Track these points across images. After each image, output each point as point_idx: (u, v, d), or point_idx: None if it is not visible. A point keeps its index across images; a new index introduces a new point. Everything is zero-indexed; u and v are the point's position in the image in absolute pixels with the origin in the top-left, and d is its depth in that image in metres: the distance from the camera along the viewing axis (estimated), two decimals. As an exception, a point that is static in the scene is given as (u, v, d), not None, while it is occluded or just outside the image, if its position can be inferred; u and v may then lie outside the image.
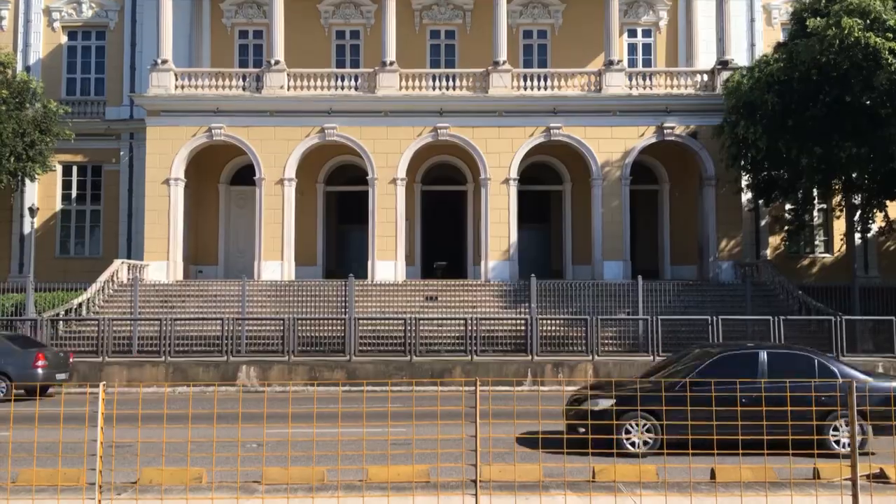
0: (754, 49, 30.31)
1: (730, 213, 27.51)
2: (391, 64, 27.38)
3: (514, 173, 27.24)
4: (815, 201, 28.27)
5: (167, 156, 27.10)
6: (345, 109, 27.34)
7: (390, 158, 27.17)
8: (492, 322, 22.37)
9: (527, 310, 22.85)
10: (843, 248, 28.72)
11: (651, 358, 20.00)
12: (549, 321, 22.09)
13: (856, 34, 20.44)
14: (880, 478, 9.44)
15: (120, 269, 25.75)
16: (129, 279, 25.16)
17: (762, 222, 29.95)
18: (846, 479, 8.43)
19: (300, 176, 27.81)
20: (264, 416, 9.56)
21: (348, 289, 23.08)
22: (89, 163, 30.50)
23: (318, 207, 29.78)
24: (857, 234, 26.59)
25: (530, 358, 20.30)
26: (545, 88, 27.54)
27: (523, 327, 21.64)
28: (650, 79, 27.75)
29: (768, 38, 30.23)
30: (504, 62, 27.43)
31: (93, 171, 30.65)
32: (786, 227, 28.05)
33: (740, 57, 29.05)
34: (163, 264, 26.69)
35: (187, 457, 8.67)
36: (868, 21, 20.70)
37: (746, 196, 27.96)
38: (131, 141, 30.21)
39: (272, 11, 27.78)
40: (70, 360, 19.27)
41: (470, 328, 20.82)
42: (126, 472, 9.77)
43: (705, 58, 29.84)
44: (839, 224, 28.50)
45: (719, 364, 11.94)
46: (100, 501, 7.77)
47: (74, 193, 30.69)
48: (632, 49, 31.17)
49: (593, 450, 9.16)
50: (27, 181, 28.11)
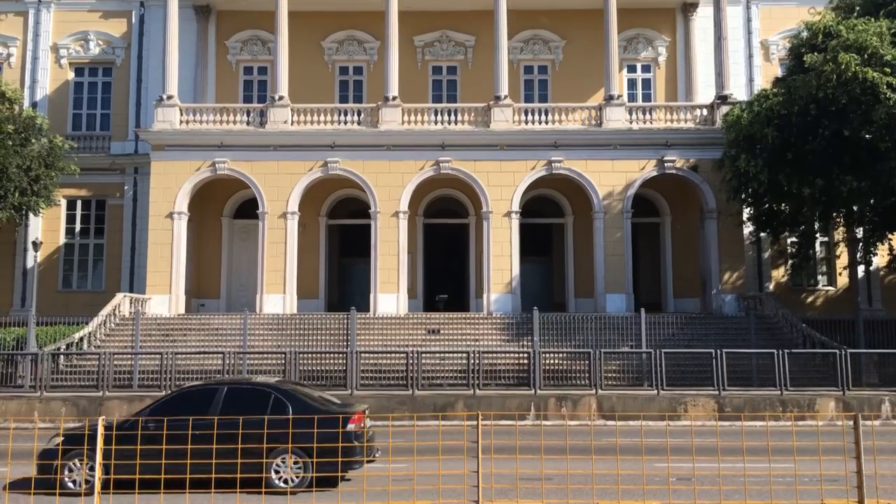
0: (753, 84, 30.64)
1: (732, 246, 27.52)
2: (394, 99, 27.68)
3: (515, 206, 27.35)
4: (817, 234, 28.29)
5: (171, 190, 27.28)
6: (348, 143, 27.58)
7: (392, 192, 27.32)
8: (494, 355, 22.23)
9: (529, 343, 22.74)
10: (846, 280, 28.67)
11: (655, 392, 19.84)
12: (551, 354, 21.96)
13: (853, 69, 20.62)
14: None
15: (122, 302, 25.75)
16: (130, 313, 25.12)
17: (765, 255, 29.94)
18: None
19: (303, 209, 27.95)
20: (264, 452, 9.46)
21: (350, 322, 23.02)
22: (93, 197, 30.69)
23: (320, 241, 29.85)
24: (860, 267, 26.55)
25: (533, 392, 20.14)
26: (546, 123, 27.79)
27: (526, 361, 21.49)
28: (650, 113, 28.01)
29: (767, 73, 30.58)
30: (505, 97, 27.72)
31: (97, 206, 30.84)
32: (789, 261, 28.02)
33: (739, 91, 29.35)
34: (165, 298, 26.69)
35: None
36: (865, 56, 20.88)
37: (748, 229, 28.00)
38: (135, 175, 30.45)
39: (276, 48, 28.19)
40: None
41: (472, 361, 20.69)
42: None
43: (704, 92, 30.17)
44: (842, 257, 28.48)
45: (176, 400, 12.06)
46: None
47: (78, 227, 30.83)
48: (631, 84, 31.52)
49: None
50: (31, 215, 28.26)
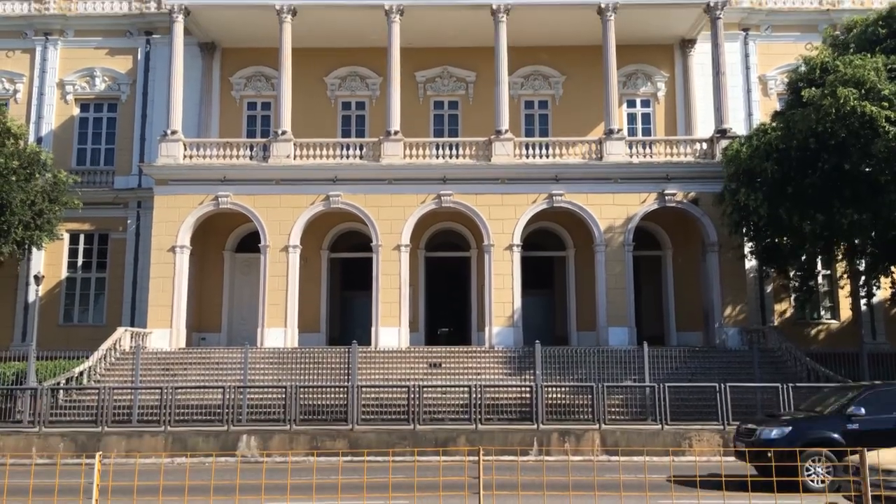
0: (752, 118, 30.91)
1: (734, 279, 27.46)
2: (395, 133, 27.93)
3: (517, 239, 27.39)
4: (820, 267, 28.26)
5: (174, 224, 27.39)
6: (350, 177, 27.75)
7: (394, 225, 27.41)
8: (496, 389, 22.06)
9: (532, 377, 22.58)
10: (850, 314, 28.56)
11: (659, 426, 19.63)
12: (554, 388, 21.78)
13: (852, 103, 20.76)
14: None
15: (123, 336, 25.68)
16: (131, 347, 25.04)
17: (767, 288, 29.87)
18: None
19: (305, 243, 28.02)
20: (262, 488, 9.35)
21: (351, 356, 22.90)
22: (96, 231, 30.82)
23: (322, 274, 29.87)
24: (863, 300, 26.46)
25: (536, 426, 19.94)
26: (547, 156, 27.98)
27: (528, 395, 21.32)
28: (650, 147, 28.20)
29: (765, 107, 30.87)
30: (506, 131, 27.96)
31: (99, 240, 30.95)
32: (792, 294, 27.94)
33: (738, 126, 29.59)
34: (166, 332, 26.62)
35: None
36: (863, 91, 21.04)
37: (751, 262, 27.97)
38: (138, 209, 30.62)
39: (280, 84, 28.54)
40: None
41: (474, 396, 20.51)
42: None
43: (703, 126, 30.43)
44: (845, 290, 28.41)
45: None
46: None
47: (80, 261, 30.89)
48: (631, 118, 31.81)
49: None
50: (34, 249, 28.34)
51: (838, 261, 26.51)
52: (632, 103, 31.94)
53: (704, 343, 27.73)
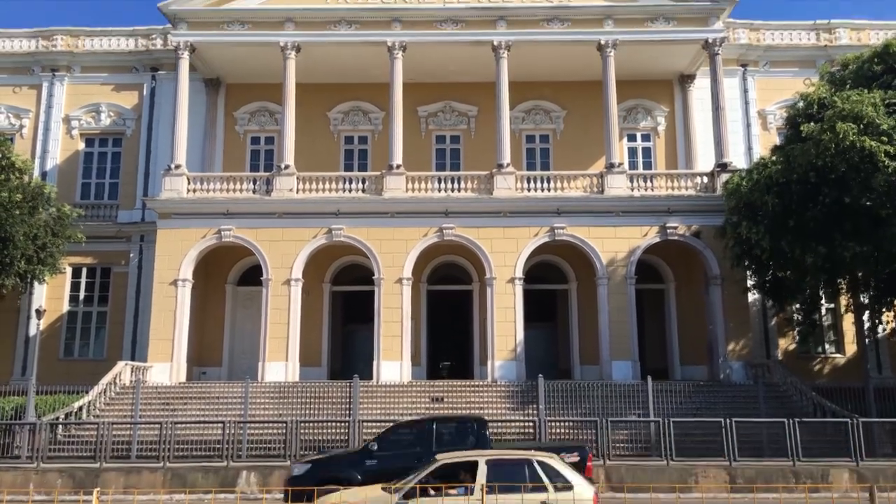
0: (752, 152, 31.13)
1: (738, 313, 27.34)
2: (398, 167, 28.10)
3: (519, 273, 27.37)
4: (823, 301, 28.16)
5: (176, 257, 27.42)
6: (352, 211, 27.85)
7: (396, 258, 27.42)
8: (499, 424, 21.84)
9: (535, 411, 22.37)
10: (855, 347, 28.38)
11: (665, 462, 19.38)
12: (558, 423, 21.57)
13: (851, 138, 20.88)
14: None
15: (123, 371, 25.53)
16: (131, 381, 24.88)
17: (771, 321, 29.74)
18: None
19: (307, 276, 28.01)
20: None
21: (353, 390, 22.72)
22: (99, 264, 30.84)
23: (323, 307, 29.81)
24: (867, 334, 26.31)
25: (539, 462, 19.65)
26: (548, 190, 28.10)
27: (532, 429, 21.11)
28: (651, 180, 28.32)
29: (765, 141, 31.10)
30: (508, 165, 28.12)
31: (102, 273, 30.96)
32: (796, 328, 27.82)
33: (738, 159, 29.77)
34: (166, 366, 26.47)
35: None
36: (861, 125, 21.19)
37: (754, 295, 27.88)
38: (141, 243, 30.68)
39: (284, 119, 28.81)
40: None
41: (477, 431, 20.27)
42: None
43: (704, 160, 30.62)
44: (849, 323, 28.27)
45: None
46: None
47: (82, 295, 30.87)
48: (632, 152, 32.03)
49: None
50: (35, 283, 28.34)
51: (842, 294, 26.43)
52: (632, 137, 32.19)
53: (709, 377, 27.52)
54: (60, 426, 22.07)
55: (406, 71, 29.02)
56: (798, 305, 27.22)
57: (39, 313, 25.57)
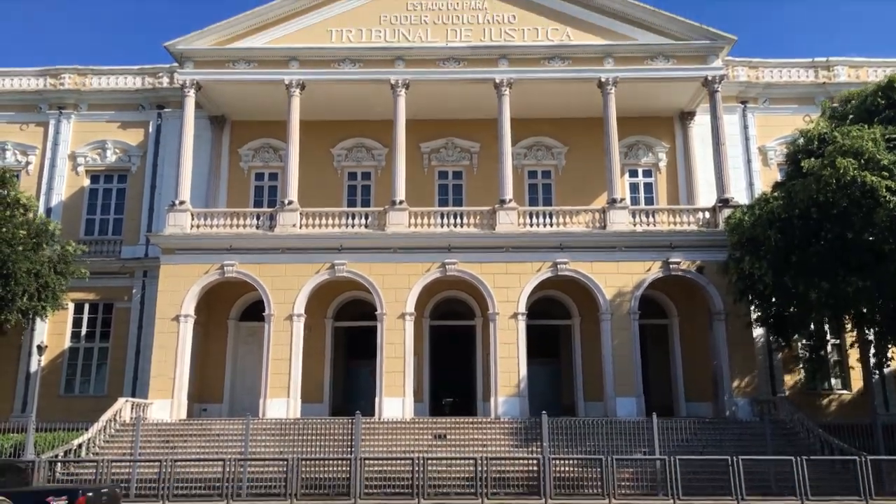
0: (753, 188, 31.26)
1: (743, 348, 27.16)
2: (401, 202, 28.23)
3: (522, 308, 27.28)
4: (828, 337, 27.96)
5: (179, 293, 27.40)
6: (355, 246, 27.89)
7: (399, 294, 27.37)
8: (502, 462, 21.56)
9: (538, 448, 22.10)
10: (861, 384, 28.09)
11: (671, 501, 19.07)
12: (562, 461, 21.28)
13: (852, 173, 20.96)
14: None
15: (123, 407, 25.33)
16: (131, 418, 24.67)
17: (777, 357, 29.51)
18: None
19: (309, 311, 27.94)
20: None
21: (355, 427, 22.50)
22: (101, 300, 30.80)
23: (326, 343, 29.69)
24: (874, 370, 26.05)
25: (544, 501, 19.40)
26: (551, 225, 28.16)
27: (536, 467, 20.83)
28: (653, 216, 28.38)
29: (766, 177, 31.25)
30: (510, 200, 28.24)
31: (104, 309, 30.90)
32: (802, 364, 27.58)
33: (740, 195, 29.89)
34: (167, 402, 26.28)
35: None
36: (862, 161, 21.29)
37: (758, 331, 27.69)
38: (144, 279, 30.68)
39: (287, 156, 29.04)
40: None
41: (480, 468, 20.06)
42: None
43: (705, 195, 30.74)
44: (855, 359, 28.02)
45: None
46: None
47: (84, 331, 30.77)
48: (634, 188, 32.17)
49: None
50: (37, 319, 28.27)
51: (847, 330, 26.25)
52: (634, 173, 32.37)
53: (714, 414, 27.22)
54: (59, 464, 21.83)
55: (409, 108, 29.34)
56: (804, 341, 27.03)
57: (41, 350, 25.47)
